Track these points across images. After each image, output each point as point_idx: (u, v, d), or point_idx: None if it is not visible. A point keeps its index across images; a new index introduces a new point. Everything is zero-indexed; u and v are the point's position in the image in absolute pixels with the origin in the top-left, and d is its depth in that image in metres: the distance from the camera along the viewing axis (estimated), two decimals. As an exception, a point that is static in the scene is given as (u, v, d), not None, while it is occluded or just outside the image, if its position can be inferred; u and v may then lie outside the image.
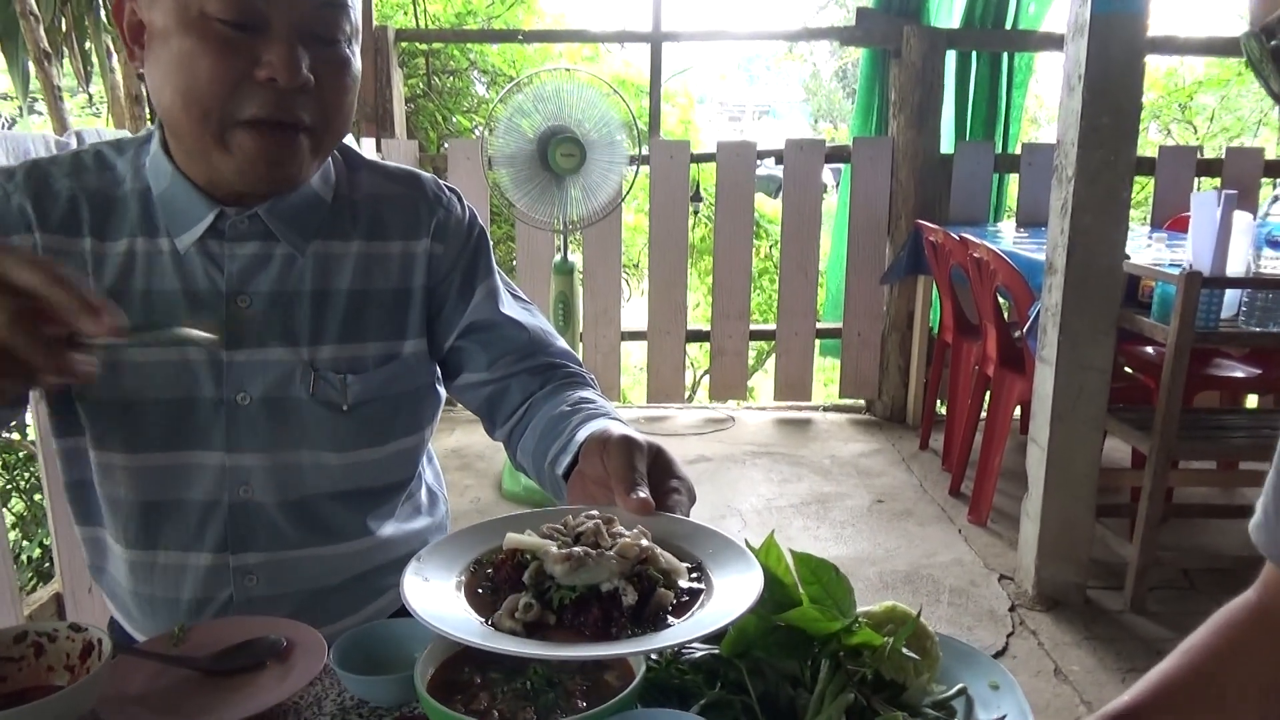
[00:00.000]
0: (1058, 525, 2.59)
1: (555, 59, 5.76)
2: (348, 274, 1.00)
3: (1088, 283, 2.42)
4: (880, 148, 4.07)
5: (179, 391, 0.96)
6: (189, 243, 0.95)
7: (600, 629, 0.65)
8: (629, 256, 5.86)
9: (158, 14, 0.87)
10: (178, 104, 0.88)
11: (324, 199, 1.01)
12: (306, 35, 0.88)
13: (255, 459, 0.98)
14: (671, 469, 0.83)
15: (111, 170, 0.99)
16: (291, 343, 0.98)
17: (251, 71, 0.86)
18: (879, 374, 4.30)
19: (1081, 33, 2.31)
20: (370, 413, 1.02)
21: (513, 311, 1.10)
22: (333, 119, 0.93)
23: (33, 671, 0.76)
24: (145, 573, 1.02)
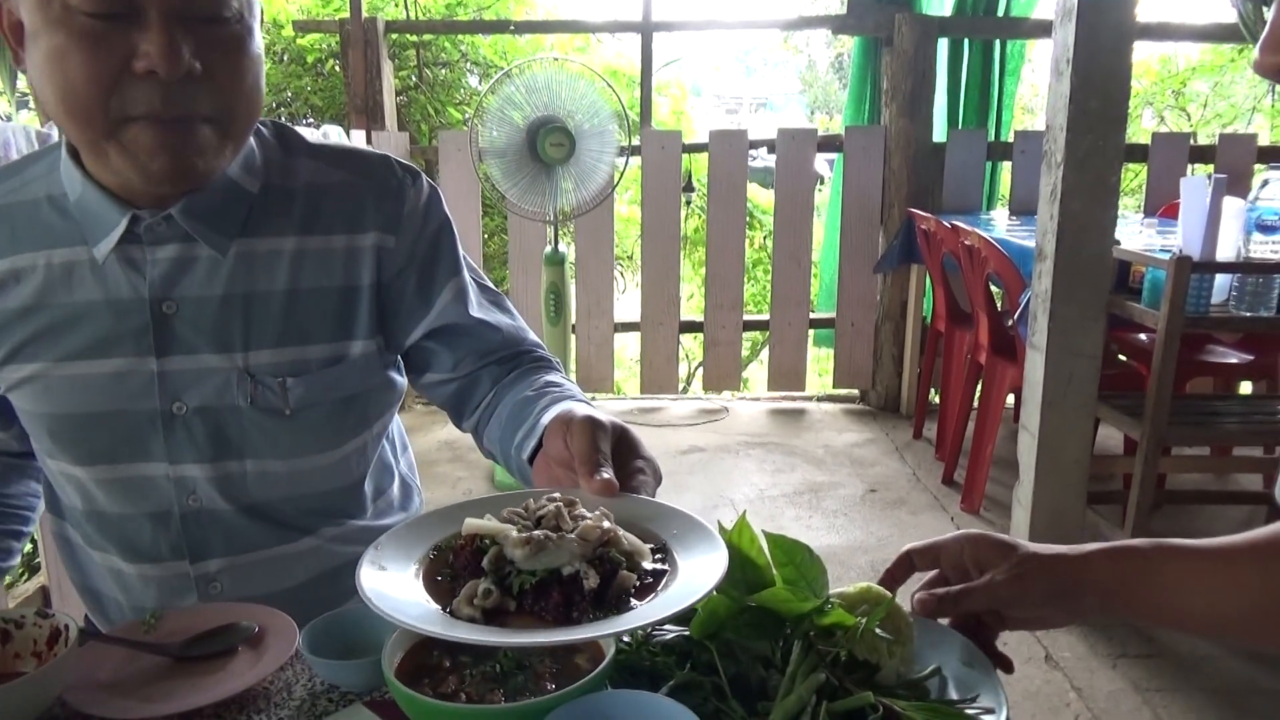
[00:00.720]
0: (1049, 513, 2.59)
1: (547, 50, 5.73)
2: (282, 273, 0.94)
3: (1077, 269, 2.42)
4: (873, 136, 4.05)
5: (115, 404, 0.93)
6: (106, 250, 0.90)
7: (561, 613, 0.64)
8: (622, 248, 5.85)
9: (24, 12, 0.81)
10: (60, 107, 0.81)
11: (248, 190, 0.94)
12: (187, 18, 0.80)
13: (198, 470, 0.95)
14: (636, 449, 0.81)
15: (24, 181, 0.95)
16: (224, 349, 0.93)
17: (129, 65, 0.79)
18: (873, 363, 4.30)
19: (1070, 17, 2.30)
20: (316, 417, 0.97)
21: (483, 313, 1.05)
22: (234, 105, 0.85)
23: (0, 658, 0.75)
24: (113, 578, 1.01)
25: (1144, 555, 0.77)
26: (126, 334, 0.92)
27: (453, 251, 1.04)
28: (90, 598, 1.06)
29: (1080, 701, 2.13)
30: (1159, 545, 0.77)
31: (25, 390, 0.94)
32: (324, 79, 5.33)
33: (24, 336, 0.93)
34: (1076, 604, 0.78)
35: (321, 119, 5.21)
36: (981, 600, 0.77)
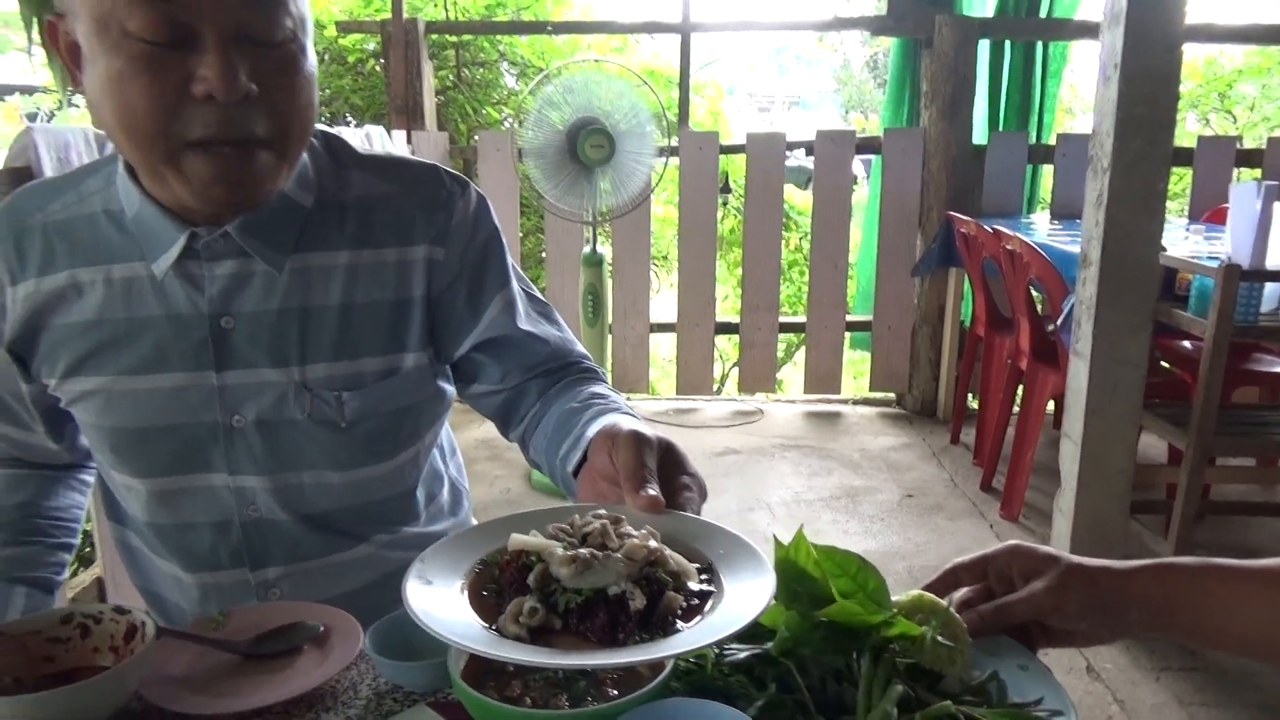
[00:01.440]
0: (1091, 521, 2.56)
1: (584, 50, 5.75)
2: (336, 287, 0.95)
3: (1123, 276, 2.39)
4: (911, 139, 4.03)
5: (178, 417, 0.95)
6: (165, 267, 0.92)
7: (607, 634, 0.63)
8: (658, 248, 5.86)
9: (81, 35, 0.81)
10: (119, 131, 0.82)
11: (302, 205, 0.95)
12: (242, 40, 0.81)
13: (257, 480, 0.97)
14: (682, 465, 0.80)
15: (81, 194, 0.96)
16: (281, 363, 0.94)
17: (188, 89, 0.80)
18: (909, 367, 4.27)
19: (1118, 21, 2.28)
20: (370, 428, 0.98)
21: (531, 325, 1.05)
22: (290, 125, 0.86)
23: (79, 652, 0.78)
24: (174, 584, 1.04)
25: (1191, 573, 0.76)
26: (187, 349, 0.93)
27: (502, 262, 1.04)
28: (152, 600, 1.09)
29: (1123, 715, 2.11)
30: (1207, 564, 0.77)
31: (88, 404, 0.96)
32: (364, 79, 5.39)
33: (86, 350, 0.95)
34: (1119, 620, 0.77)
35: (362, 118, 5.27)
36: (1022, 611, 0.77)
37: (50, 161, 1.70)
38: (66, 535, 1.08)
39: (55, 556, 1.06)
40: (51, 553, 1.05)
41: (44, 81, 9.39)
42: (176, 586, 1.03)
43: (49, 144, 1.71)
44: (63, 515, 1.08)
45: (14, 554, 1.02)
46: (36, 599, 1.01)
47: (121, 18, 0.78)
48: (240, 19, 0.80)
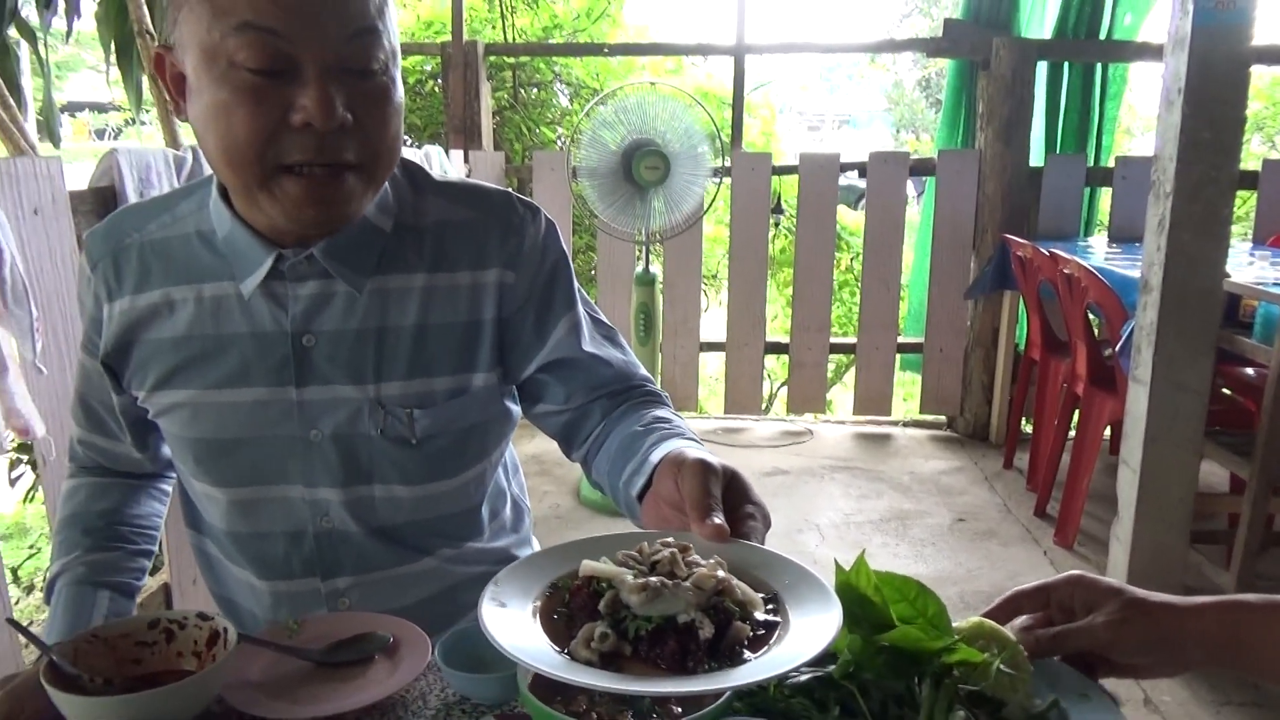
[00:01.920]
0: (1150, 551, 2.51)
1: (638, 72, 5.81)
2: (412, 309, 0.98)
3: (1185, 302, 2.35)
4: (967, 161, 4.01)
5: (259, 430, 0.99)
6: (252, 286, 0.96)
7: (677, 661, 0.64)
8: (707, 267, 5.87)
9: (190, 68, 0.86)
10: (220, 155, 0.87)
11: (382, 229, 0.99)
12: (340, 71, 0.85)
13: (332, 493, 1.00)
14: (747, 494, 0.81)
15: (175, 216, 1.01)
16: (358, 380, 0.98)
17: (287, 118, 0.84)
18: (961, 390, 4.23)
19: (1182, 45, 2.25)
20: (440, 446, 1.01)
21: (596, 347, 1.07)
22: (378, 152, 0.90)
23: (163, 656, 0.82)
24: (249, 591, 1.07)
25: (1256, 611, 0.75)
26: (269, 365, 0.97)
27: (568, 286, 1.07)
28: (226, 606, 1.12)
29: (1181, 749, 2.06)
30: (1272, 601, 0.76)
31: (174, 416, 1.01)
32: (422, 99, 5.50)
33: (175, 364, 0.99)
34: (1178, 655, 0.77)
35: (420, 138, 5.38)
36: (1081, 641, 0.77)
37: (132, 181, 1.78)
38: (146, 542, 1.12)
39: (136, 562, 1.10)
40: (133, 559, 1.09)
41: (115, 100, 9.73)
42: (250, 593, 1.07)
43: (131, 165, 1.79)
44: (143, 523, 1.13)
45: (99, 559, 1.06)
46: (119, 603, 1.04)
47: (230, 50, 0.82)
48: (340, 52, 0.85)
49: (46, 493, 1.68)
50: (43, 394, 1.60)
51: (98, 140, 14.69)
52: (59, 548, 1.07)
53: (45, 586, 1.06)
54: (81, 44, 3.66)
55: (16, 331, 1.44)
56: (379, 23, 0.87)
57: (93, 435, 1.11)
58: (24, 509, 3.54)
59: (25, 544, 3.43)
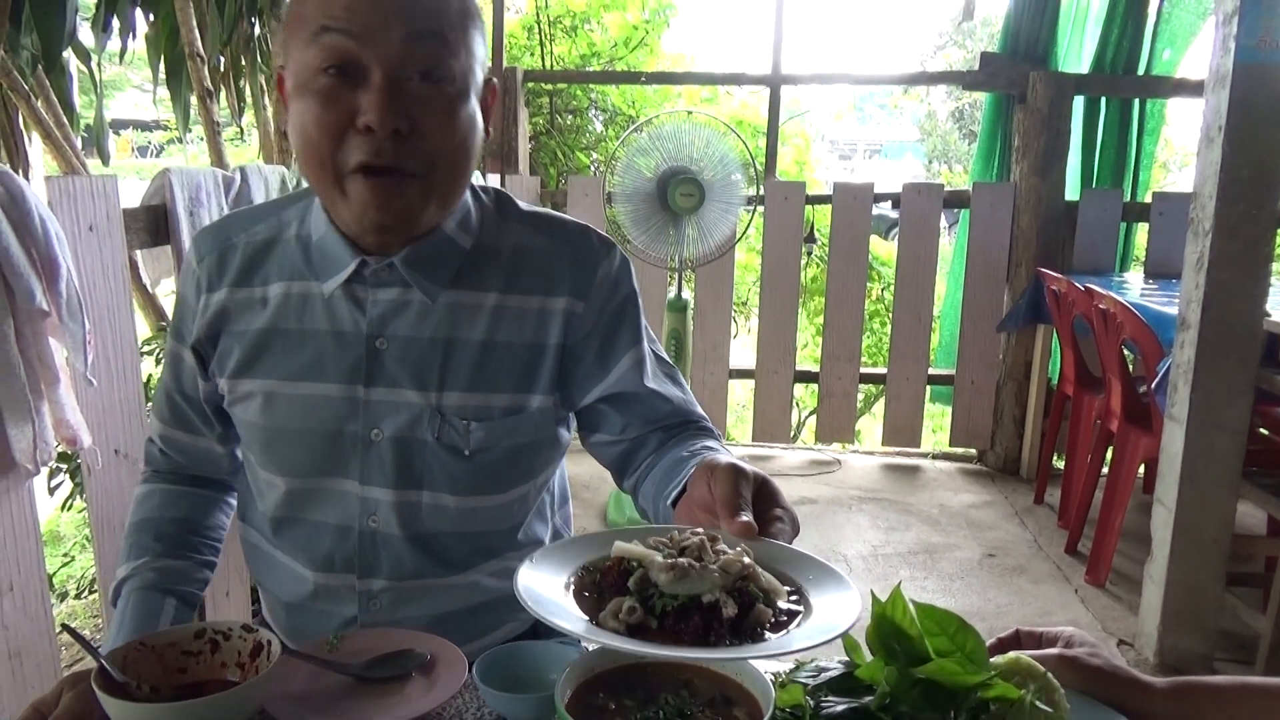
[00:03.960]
0: (1184, 592, 2.47)
1: (674, 99, 5.87)
2: (481, 324, 1.02)
3: (1224, 340, 2.33)
4: (1001, 194, 4.00)
5: (326, 424, 1.03)
6: (333, 287, 1.01)
7: (700, 637, 0.67)
8: (737, 294, 5.89)
9: (288, 79, 0.94)
10: (303, 160, 0.94)
11: (461, 247, 1.03)
12: (407, 79, 0.90)
13: (382, 493, 1.04)
14: (776, 499, 0.84)
15: (281, 221, 1.08)
16: (421, 386, 1.02)
17: (353, 121, 0.90)
18: (992, 423, 4.20)
19: (1223, 83, 2.25)
20: (490, 460, 1.04)
21: (657, 384, 1.11)
22: (439, 163, 0.94)
23: (208, 666, 0.83)
24: (290, 579, 1.10)
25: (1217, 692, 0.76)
26: (343, 363, 1.02)
27: (636, 322, 1.10)
28: (268, 594, 1.16)
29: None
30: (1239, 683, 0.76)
31: (249, 403, 1.05)
32: (461, 123, 5.58)
33: (256, 353, 1.04)
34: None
35: (456, 161, 5.44)
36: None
37: (183, 200, 1.83)
38: (212, 554, 1.15)
39: (201, 573, 1.12)
40: (199, 569, 1.12)
41: (160, 119, 9.95)
42: (292, 582, 1.10)
43: (182, 184, 1.83)
44: (211, 534, 1.16)
45: (169, 565, 1.08)
46: (183, 612, 1.07)
47: (311, 57, 0.90)
48: (402, 55, 0.90)
49: (90, 502, 1.71)
50: (90, 406, 1.63)
51: (140, 157, 15.01)
52: (129, 551, 1.10)
53: (113, 589, 1.08)
54: (127, 63, 3.77)
55: (70, 344, 1.48)
56: (449, 33, 0.92)
57: (175, 431, 1.15)
58: (59, 517, 3.60)
59: (59, 551, 3.48)
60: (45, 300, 1.44)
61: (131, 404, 1.77)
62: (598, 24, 5.86)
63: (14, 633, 1.53)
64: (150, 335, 2.88)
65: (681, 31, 15.54)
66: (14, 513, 1.52)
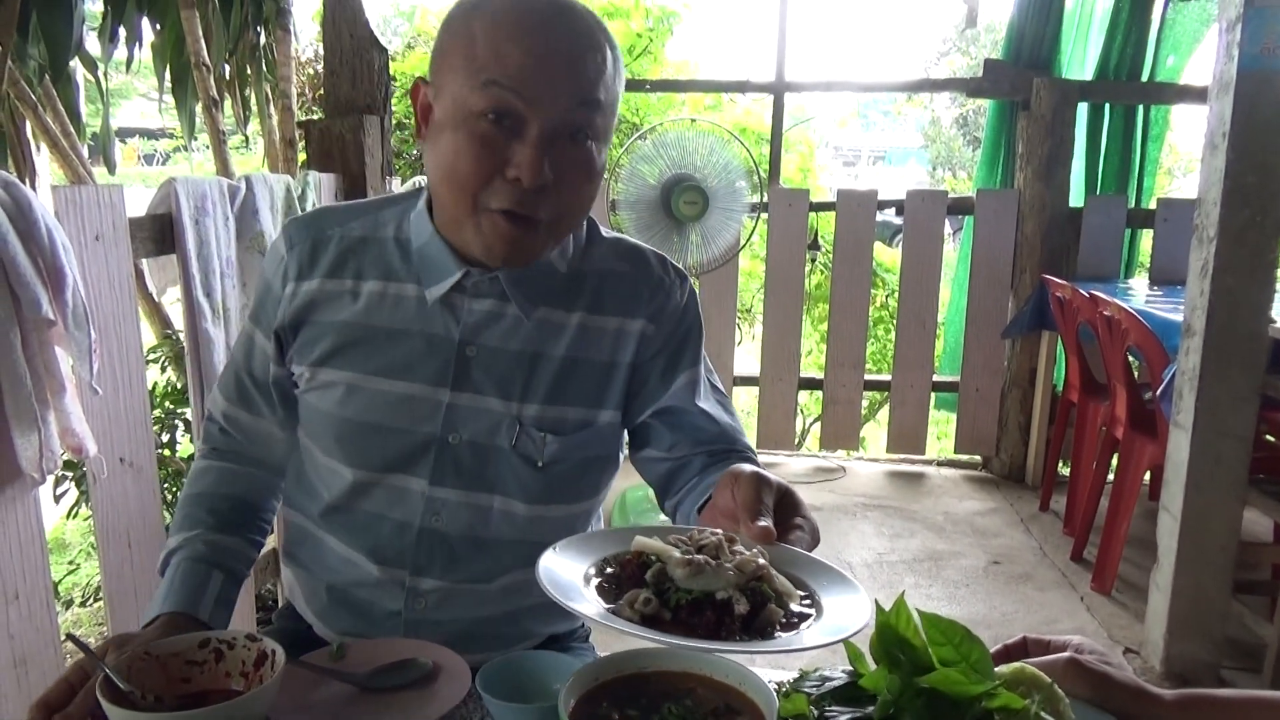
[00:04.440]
0: (1190, 599, 2.46)
1: (678, 106, 5.88)
2: (565, 341, 1.07)
3: (1229, 347, 2.33)
4: (1005, 200, 4.00)
5: (404, 422, 1.05)
6: (438, 294, 1.05)
7: (711, 631, 0.69)
8: (741, 301, 5.89)
9: (439, 107, 0.97)
10: (443, 185, 0.98)
11: (558, 270, 1.08)
12: (557, 136, 0.95)
13: (452, 494, 1.06)
14: (798, 508, 0.87)
15: (378, 221, 1.11)
16: (505, 395, 1.05)
17: (503, 169, 0.94)
18: (997, 430, 4.19)
19: (1226, 90, 2.25)
20: (560, 472, 1.08)
21: (707, 404, 1.15)
22: (567, 213, 1.00)
23: (212, 675, 0.83)
24: (343, 565, 1.11)
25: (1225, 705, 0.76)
26: (431, 365, 1.05)
27: (697, 348, 1.15)
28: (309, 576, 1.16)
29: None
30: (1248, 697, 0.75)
31: (329, 392, 1.07)
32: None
33: (344, 343, 1.06)
34: None
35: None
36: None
37: (188, 210, 1.83)
38: (260, 535, 1.16)
39: (250, 552, 1.13)
40: (248, 547, 1.13)
41: (166, 127, 9.99)
42: (341, 566, 1.11)
43: (188, 193, 1.84)
44: (262, 516, 1.17)
45: (219, 540, 1.09)
46: (229, 588, 1.07)
47: (475, 102, 0.93)
48: (564, 118, 0.94)
49: (95, 510, 1.72)
50: (96, 414, 1.64)
51: (145, 165, 15.09)
52: (181, 522, 1.11)
53: (162, 558, 1.09)
54: (133, 72, 3.79)
55: (76, 353, 1.49)
56: (605, 97, 0.97)
57: (239, 410, 1.16)
58: (64, 525, 3.61)
59: (64, 559, 3.49)
60: (51, 309, 1.44)
61: (137, 413, 1.77)
62: (602, 32, 5.87)
63: (19, 641, 1.53)
64: (155, 344, 2.89)
65: (685, 38, 15.59)
66: (19, 521, 1.52)
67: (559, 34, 0.94)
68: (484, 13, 0.95)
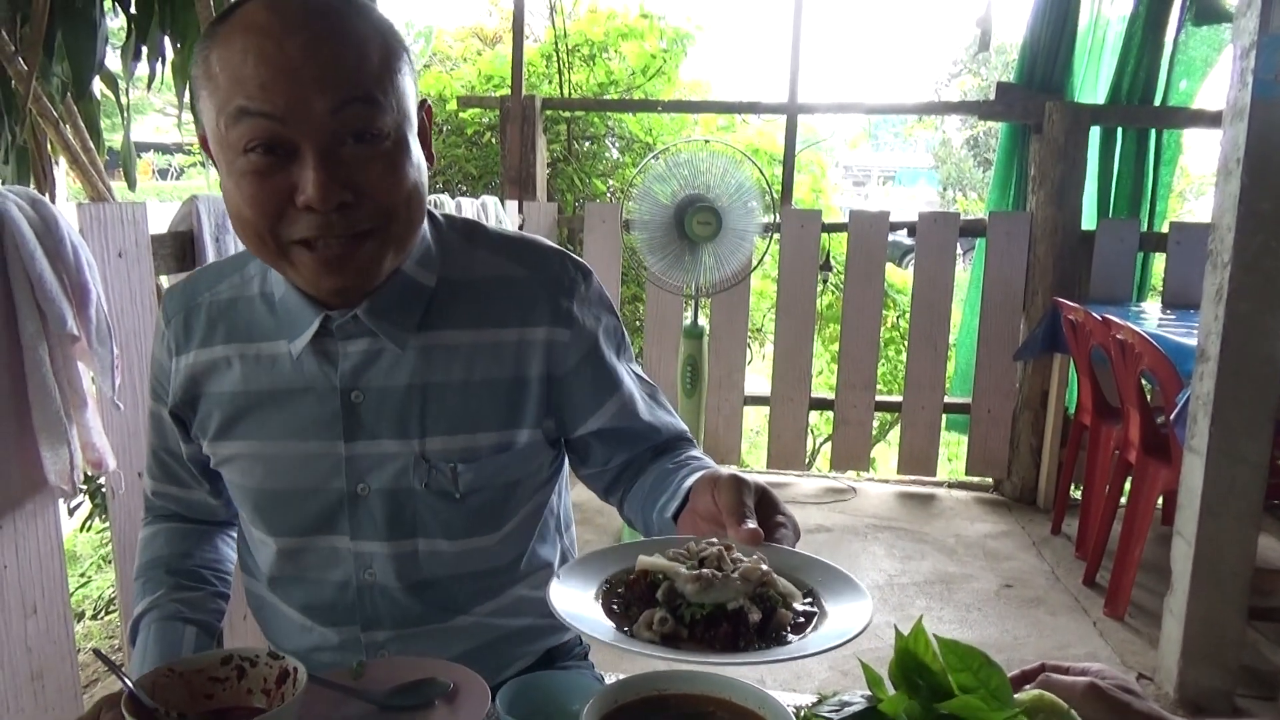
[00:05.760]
0: (1204, 626, 2.45)
1: (691, 127, 5.91)
2: (457, 364, 0.99)
3: (1244, 372, 2.32)
4: (1017, 223, 4.00)
5: (310, 482, 1.01)
6: (300, 346, 0.98)
7: (730, 643, 0.70)
8: (752, 320, 5.90)
9: (210, 142, 0.89)
10: (239, 231, 0.90)
11: (425, 285, 0.99)
12: (341, 145, 0.85)
13: (376, 546, 1.02)
14: (777, 506, 0.87)
15: (244, 278, 1.04)
16: (403, 435, 0.99)
17: (292, 198, 0.85)
18: (1009, 453, 4.18)
19: (1240, 116, 2.25)
20: (483, 500, 1.02)
21: (649, 415, 1.10)
22: (392, 215, 0.90)
23: (234, 692, 0.84)
24: (298, 632, 1.09)
25: None
26: (320, 420, 1.00)
27: (623, 348, 1.09)
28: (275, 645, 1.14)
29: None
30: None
31: (233, 465, 1.05)
32: (480, 149, 5.65)
33: (232, 416, 1.03)
34: None
35: (476, 186, 5.51)
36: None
37: (209, 227, 1.85)
38: (223, 585, 1.15)
39: (215, 604, 1.12)
40: (213, 599, 1.12)
41: (184, 143, 10.10)
42: (296, 633, 1.09)
43: (209, 211, 1.86)
44: (220, 566, 1.16)
45: (185, 597, 1.08)
46: (203, 640, 1.06)
47: (233, 137, 0.84)
48: (335, 130, 0.84)
49: (113, 523, 1.73)
50: (116, 429, 1.66)
51: (160, 180, 15.24)
52: (144, 588, 1.10)
53: (130, 626, 1.08)
54: (152, 89, 3.84)
55: (99, 368, 1.51)
56: (376, 91, 0.86)
57: (168, 486, 1.15)
58: (76, 537, 3.62)
59: (76, 572, 3.50)
60: (76, 325, 1.46)
61: (155, 427, 1.79)
62: (616, 53, 5.92)
63: (36, 655, 1.54)
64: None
65: (699, 59, 15.69)
66: (40, 535, 1.53)
67: (298, 36, 0.83)
68: (220, 35, 0.85)
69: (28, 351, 1.42)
